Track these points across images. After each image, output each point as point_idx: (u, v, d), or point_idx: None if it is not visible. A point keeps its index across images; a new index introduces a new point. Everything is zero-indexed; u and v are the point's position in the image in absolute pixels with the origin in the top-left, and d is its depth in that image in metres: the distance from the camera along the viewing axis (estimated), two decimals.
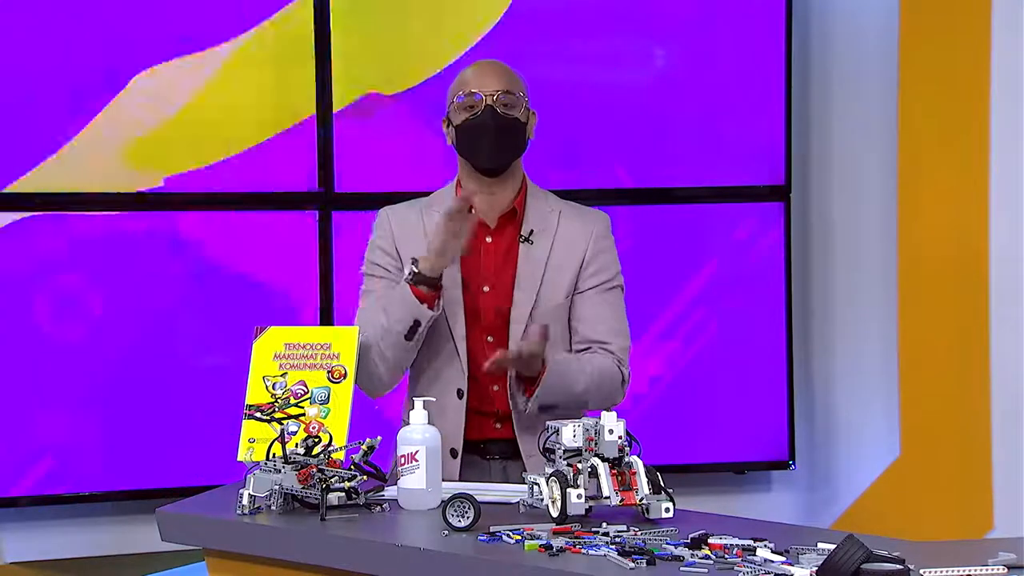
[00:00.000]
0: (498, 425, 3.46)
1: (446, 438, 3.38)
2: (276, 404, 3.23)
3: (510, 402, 3.42)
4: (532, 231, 3.48)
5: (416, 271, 3.34)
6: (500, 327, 3.45)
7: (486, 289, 3.47)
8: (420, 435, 3.07)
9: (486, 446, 3.46)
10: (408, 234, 3.50)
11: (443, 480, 3.10)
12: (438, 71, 4.85)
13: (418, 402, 3.10)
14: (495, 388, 3.45)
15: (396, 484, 3.09)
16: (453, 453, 3.42)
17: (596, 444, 2.94)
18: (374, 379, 3.42)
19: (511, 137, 3.44)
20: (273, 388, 3.25)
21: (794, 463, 5.16)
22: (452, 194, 3.51)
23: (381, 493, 3.13)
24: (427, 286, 3.35)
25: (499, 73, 3.46)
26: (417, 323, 3.35)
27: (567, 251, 3.48)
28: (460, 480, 3.37)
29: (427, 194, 3.60)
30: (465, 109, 3.44)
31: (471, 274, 3.47)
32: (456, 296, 3.44)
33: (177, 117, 4.73)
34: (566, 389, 3.38)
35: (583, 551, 2.69)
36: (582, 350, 3.49)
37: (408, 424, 3.10)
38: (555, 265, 3.47)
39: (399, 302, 3.36)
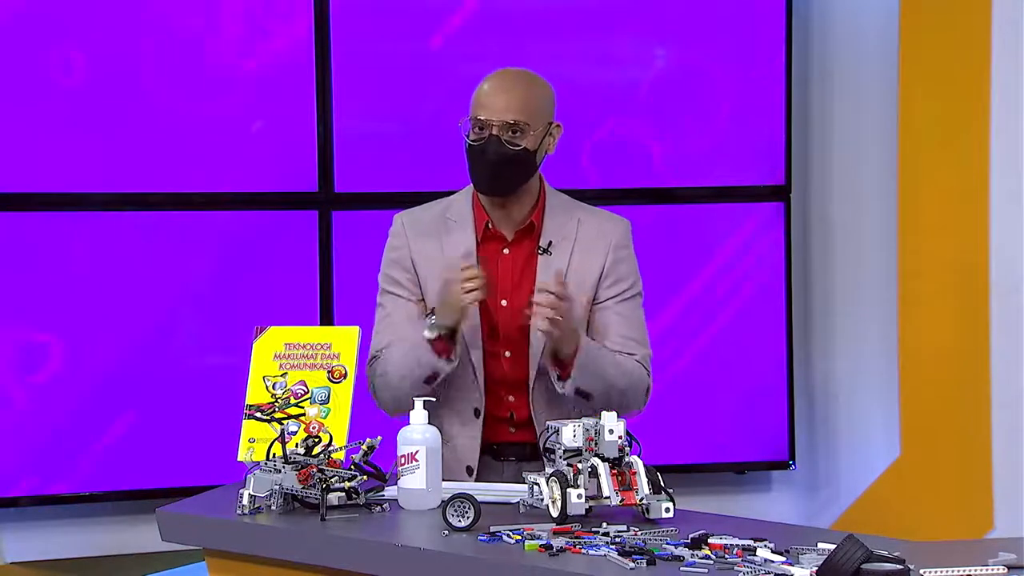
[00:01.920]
0: (512, 430, 3.44)
1: (462, 455, 3.38)
2: (276, 404, 3.23)
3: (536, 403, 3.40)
4: (550, 242, 3.44)
5: (433, 323, 3.32)
6: (519, 341, 3.41)
7: (504, 303, 3.43)
8: (420, 435, 3.07)
9: (500, 448, 3.44)
10: (425, 249, 3.45)
11: None
12: (439, 71, 4.86)
13: (418, 402, 3.10)
14: (511, 399, 3.43)
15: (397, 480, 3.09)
16: (469, 471, 3.40)
17: (596, 444, 2.94)
18: (389, 406, 3.43)
19: (511, 168, 3.38)
20: (273, 388, 3.25)
21: (794, 463, 5.16)
22: (469, 205, 3.47)
23: (381, 493, 3.12)
24: (443, 338, 3.33)
25: (511, 97, 3.37)
26: (436, 372, 3.35)
27: (585, 262, 3.43)
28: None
29: (436, 195, 3.56)
30: (474, 130, 3.40)
31: (489, 288, 3.40)
32: (474, 310, 3.39)
33: (178, 117, 4.74)
34: (600, 373, 3.33)
35: (583, 551, 2.69)
36: None
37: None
38: (574, 276, 3.41)
39: (421, 348, 3.33)
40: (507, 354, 3.42)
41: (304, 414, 3.22)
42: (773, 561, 2.60)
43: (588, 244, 3.45)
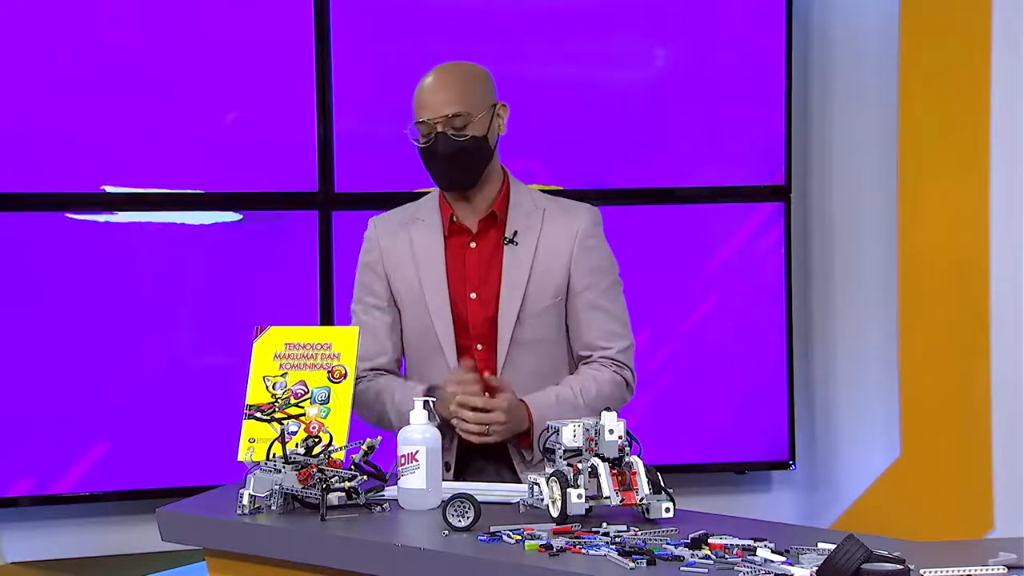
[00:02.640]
0: None
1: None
2: (276, 404, 3.23)
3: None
4: (516, 232, 3.45)
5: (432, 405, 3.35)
6: (489, 334, 3.42)
7: (473, 296, 3.44)
8: (420, 435, 3.07)
9: (473, 446, 3.42)
10: (395, 251, 3.49)
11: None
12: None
13: (418, 402, 3.10)
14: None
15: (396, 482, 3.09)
16: (447, 467, 3.39)
17: (596, 444, 2.94)
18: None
19: (466, 159, 3.40)
20: (273, 388, 3.25)
21: (794, 463, 5.16)
22: (436, 203, 3.49)
23: (381, 493, 3.12)
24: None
25: (448, 91, 3.40)
26: None
27: (552, 251, 3.43)
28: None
29: (422, 194, 3.58)
30: (421, 134, 3.42)
31: (456, 281, 3.43)
32: (443, 305, 3.43)
33: (178, 117, 4.74)
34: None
35: (583, 551, 2.69)
36: (584, 357, 3.47)
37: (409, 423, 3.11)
38: (541, 266, 3.43)
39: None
40: (479, 347, 3.43)
41: (304, 414, 3.22)
42: (773, 561, 2.60)
43: (554, 234, 3.45)
